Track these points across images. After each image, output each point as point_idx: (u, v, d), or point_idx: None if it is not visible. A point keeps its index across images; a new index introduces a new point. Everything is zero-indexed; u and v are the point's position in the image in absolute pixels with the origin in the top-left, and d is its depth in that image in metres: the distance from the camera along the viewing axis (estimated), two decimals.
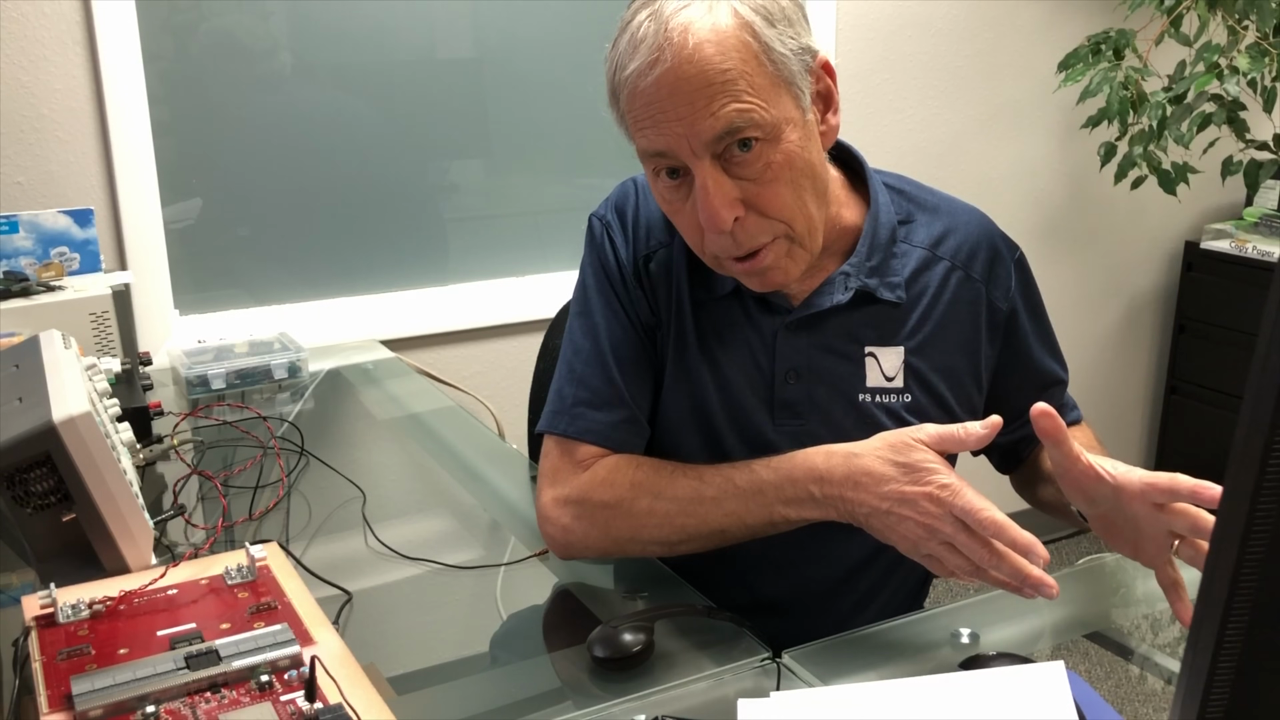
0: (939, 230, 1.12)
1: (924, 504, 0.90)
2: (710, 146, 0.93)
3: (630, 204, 1.14)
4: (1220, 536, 0.51)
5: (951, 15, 2.53)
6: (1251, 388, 0.49)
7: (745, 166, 0.95)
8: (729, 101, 0.91)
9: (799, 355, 1.08)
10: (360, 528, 1.18)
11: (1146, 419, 3.15)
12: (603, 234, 1.13)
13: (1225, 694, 0.52)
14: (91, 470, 0.93)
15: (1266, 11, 2.15)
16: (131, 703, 0.75)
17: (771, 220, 0.97)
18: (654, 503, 1.02)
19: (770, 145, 0.95)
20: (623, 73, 0.95)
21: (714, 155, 0.94)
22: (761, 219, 0.97)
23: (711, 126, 0.92)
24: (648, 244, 1.12)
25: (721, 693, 0.89)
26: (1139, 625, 1.04)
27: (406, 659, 1.02)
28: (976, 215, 1.15)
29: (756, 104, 0.92)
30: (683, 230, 1.02)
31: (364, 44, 2.05)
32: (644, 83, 0.92)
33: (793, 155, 0.96)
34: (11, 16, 1.72)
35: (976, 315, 1.11)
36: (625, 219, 1.13)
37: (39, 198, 1.78)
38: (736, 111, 0.92)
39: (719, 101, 0.91)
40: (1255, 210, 2.91)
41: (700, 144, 0.93)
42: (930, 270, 1.10)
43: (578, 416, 1.08)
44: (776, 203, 0.97)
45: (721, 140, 0.93)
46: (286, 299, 2.11)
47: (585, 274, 1.14)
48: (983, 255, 1.12)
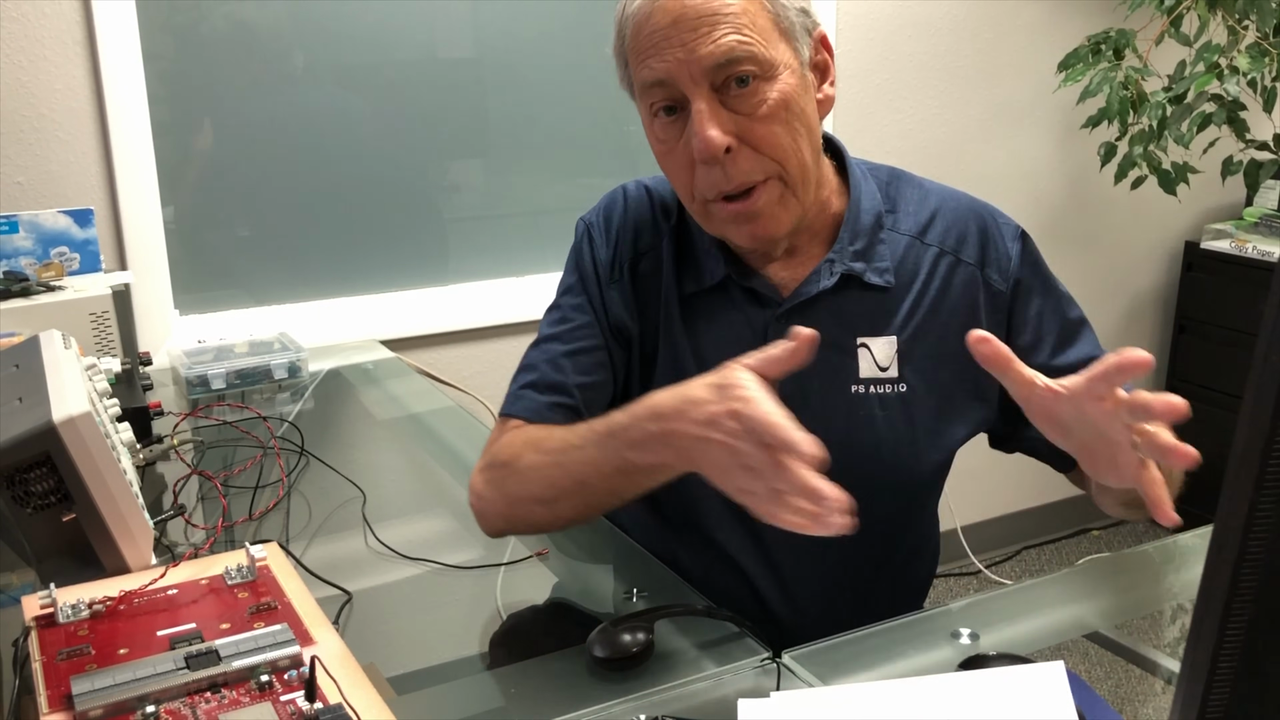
0: (925, 217, 1.12)
1: (726, 421, 0.81)
2: (709, 74, 0.96)
3: (617, 209, 1.16)
4: (1220, 536, 0.51)
5: (951, 15, 2.53)
6: (1251, 388, 0.49)
7: (741, 100, 0.97)
8: (730, 31, 0.95)
9: None
10: (360, 528, 1.18)
11: None
12: (584, 235, 1.16)
13: (1225, 694, 0.52)
14: (91, 470, 0.93)
15: (1266, 11, 2.15)
16: (131, 703, 0.75)
17: (764, 158, 0.99)
18: (536, 457, 1.01)
19: (767, 83, 0.98)
20: (629, 6, 1.00)
21: (712, 86, 0.97)
22: (755, 154, 0.99)
23: (711, 54, 0.95)
24: (635, 247, 1.13)
25: (721, 693, 0.89)
26: (1139, 625, 1.04)
27: (406, 659, 1.02)
28: (965, 200, 1.15)
29: (756, 38, 0.96)
30: (674, 174, 1.04)
31: (364, 44, 2.06)
32: (649, 8, 0.97)
33: (789, 96, 0.99)
34: (11, 16, 1.72)
35: (973, 298, 1.10)
36: (610, 222, 1.15)
37: (39, 198, 1.78)
38: (737, 42, 0.95)
39: (720, 30, 0.95)
40: (1255, 210, 2.91)
41: (700, 70, 0.96)
42: (919, 257, 1.10)
43: (519, 398, 1.10)
44: (770, 140, 0.99)
45: (721, 69, 0.96)
46: (286, 299, 2.11)
47: (566, 271, 1.18)
48: (973, 238, 1.11)
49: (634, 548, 1.14)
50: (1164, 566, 1.14)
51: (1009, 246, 1.12)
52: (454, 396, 1.68)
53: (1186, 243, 2.93)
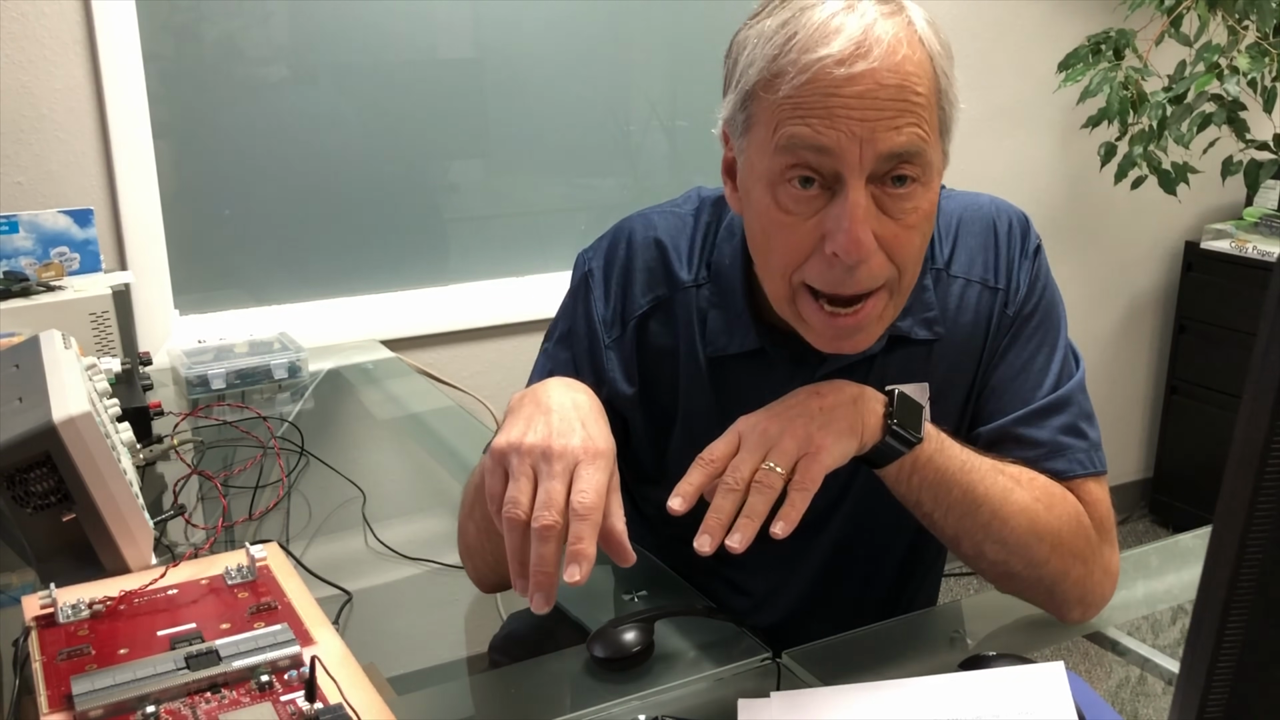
0: (949, 243, 1.04)
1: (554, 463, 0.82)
2: (877, 165, 0.85)
3: (619, 257, 1.07)
4: (1220, 536, 0.51)
5: (951, 15, 2.53)
6: (1251, 388, 0.49)
7: (894, 202, 0.87)
8: (914, 124, 0.85)
9: None
10: (360, 528, 1.18)
11: (1146, 419, 3.15)
12: (581, 283, 1.08)
13: (1225, 694, 0.52)
14: (91, 470, 0.93)
15: (1266, 11, 2.15)
16: (131, 703, 0.75)
17: (890, 265, 0.88)
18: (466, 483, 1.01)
19: (923, 190, 0.88)
20: (803, 55, 0.84)
21: (871, 177, 0.86)
22: (886, 262, 0.88)
23: (892, 141, 0.84)
24: (643, 299, 1.05)
25: (721, 693, 0.89)
26: (1139, 625, 1.04)
27: (406, 659, 1.02)
28: (986, 211, 1.06)
29: (931, 139, 0.87)
30: (781, 249, 0.90)
31: (364, 44, 2.05)
32: (838, 72, 0.83)
33: (933, 207, 0.90)
34: (11, 16, 1.72)
35: (986, 321, 1.03)
36: (611, 271, 1.06)
37: (39, 198, 1.78)
38: (919, 136, 0.85)
39: (906, 119, 0.84)
40: (1255, 210, 2.91)
41: (872, 156, 0.84)
42: (947, 290, 1.03)
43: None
44: (907, 250, 0.88)
45: (889, 162, 0.85)
46: (286, 299, 2.11)
47: (561, 312, 1.10)
48: (991, 260, 1.04)
49: (634, 548, 1.14)
50: (1164, 567, 1.14)
51: (1019, 276, 1.04)
52: (454, 396, 1.68)
53: (1186, 243, 2.93)
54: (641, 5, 2.25)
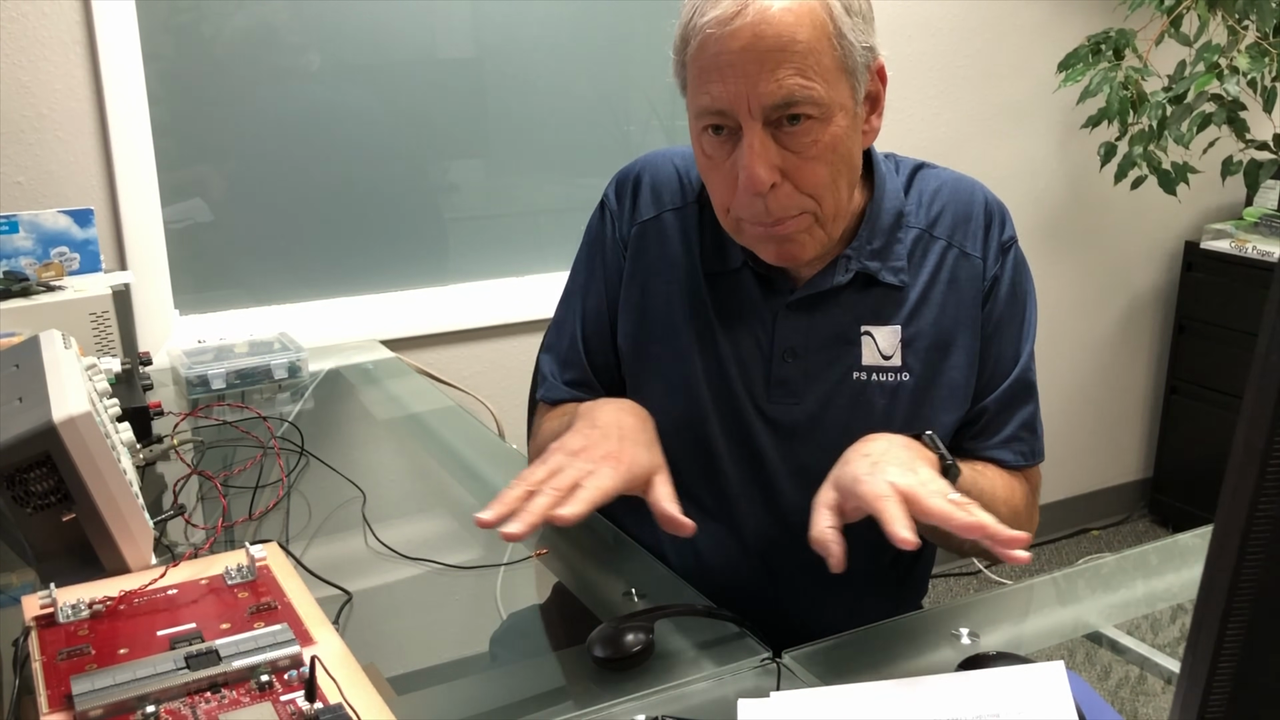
0: (937, 209, 1.13)
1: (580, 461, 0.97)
2: (765, 111, 0.96)
3: (632, 173, 1.20)
4: (1220, 536, 0.51)
5: (951, 15, 2.53)
6: (1251, 388, 0.49)
7: (793, 139, 0.98)
8: (794, 73, 0.95)
9: (796, 335, 1.10)
10: (360, 528, 1.18)
11: (1146, 419, 3.15)
12: (600, 206, 1.21)
13: (1225, 694, 0.52)
14: (91, 470, 0.93)
15: (1266, 11, 2.15)
16: (131, 703, 0.75)
17: (804, 195, 1.00)
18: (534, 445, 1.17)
19: (820, 125, 0.98)
20: (700, 18, 0.97)
21: (766, 120, 0.97)
22: (795, 191, 1.00)
23: (773, 92, 0.95)
24: (655, 206, 1.17)
25: (721, 693, 0.89)
26: (1139, 625, 1.04)
27: (406, 659, 1.02)
28: (980, 192, 1.15)
29: (818, 82, 0.96)
30: (714, 188, 1.05)
31: (364, 44, 2.05)
32: (720, 32, 0.95)
33: (838, 140, 0.99)
34: (11, 16, 1.72)
35: (976, 290, 1.11)
36: (625, 189, 1.19)
37: (39, 198, 1.78)
38: (799, 85, 0.95)
39: (785, 70, 0.95)
40: (1255, 210, 2.91)
41: (757, 106, 0.96)
42: (927, 249, 1.11)
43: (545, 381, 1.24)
44: (813, 179, 1.00)
45: (777, 109, 0.96)
46: (286, 299, 2.11)
47: (581, 244, 1.24)
48: (978, 230, 1.12)
49: (634, 547, 1.14)
50: (1164, 566, 1.14)
51: (997, 247, 1.13)
52: (454, 396, 1.68)
53: (1186, 243, 2.93)
54: (642, 5, 2.25)
